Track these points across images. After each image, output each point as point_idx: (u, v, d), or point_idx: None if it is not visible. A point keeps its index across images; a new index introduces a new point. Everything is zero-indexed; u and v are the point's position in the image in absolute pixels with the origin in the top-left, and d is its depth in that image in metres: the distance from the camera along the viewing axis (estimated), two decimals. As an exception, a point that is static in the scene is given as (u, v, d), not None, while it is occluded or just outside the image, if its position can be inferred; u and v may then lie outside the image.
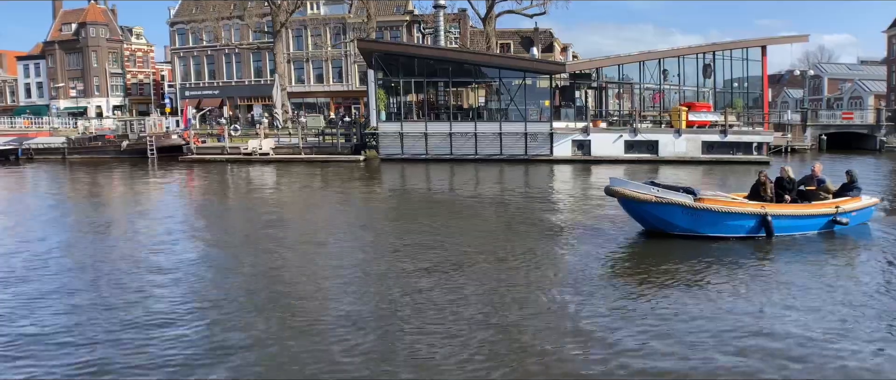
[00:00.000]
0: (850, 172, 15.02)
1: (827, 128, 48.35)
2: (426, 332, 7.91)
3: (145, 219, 17.83)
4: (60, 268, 11.41)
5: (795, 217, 13.54)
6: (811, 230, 13.73)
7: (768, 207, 13.21)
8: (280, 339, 7.74)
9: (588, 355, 7.27)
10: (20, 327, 8.25)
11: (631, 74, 39.30)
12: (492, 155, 35.87)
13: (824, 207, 13.79)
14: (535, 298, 9.40)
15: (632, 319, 8.38)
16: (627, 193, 13.18)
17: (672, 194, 13.05)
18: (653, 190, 13.18)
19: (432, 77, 37.84)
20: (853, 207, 14.09)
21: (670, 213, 13.03)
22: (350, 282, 10.30)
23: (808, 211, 13.69)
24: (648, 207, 13.15)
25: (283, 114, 51.12)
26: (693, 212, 12.87)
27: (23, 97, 78.55)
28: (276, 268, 11.36)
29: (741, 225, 13.16)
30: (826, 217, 13.72)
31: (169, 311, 8.83)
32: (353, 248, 13.14)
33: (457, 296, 9.39)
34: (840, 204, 13.82)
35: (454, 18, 59.74)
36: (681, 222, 13.11)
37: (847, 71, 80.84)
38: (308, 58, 65.43)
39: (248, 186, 27.10)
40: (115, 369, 6.94)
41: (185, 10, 67.62)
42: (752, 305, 8.95)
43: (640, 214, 13.63)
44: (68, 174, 33.41)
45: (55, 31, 77.00)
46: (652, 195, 13.01)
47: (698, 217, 12.91)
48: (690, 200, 12.87)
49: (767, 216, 13.00)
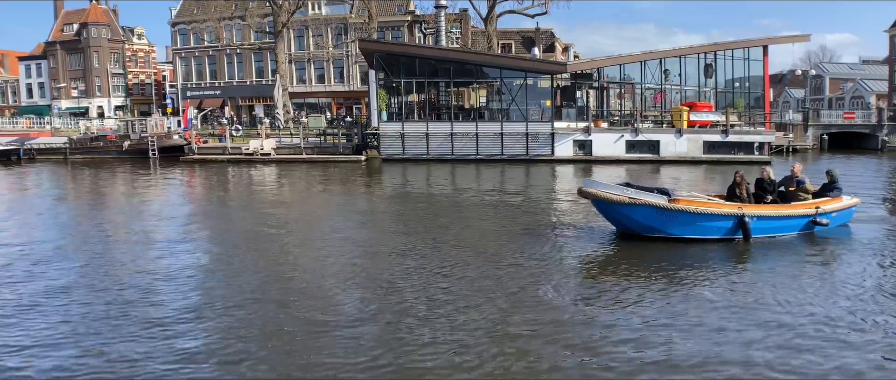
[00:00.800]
0: (830, 173, 14.72)
1: (828, 128, 48.34)
2: (414, 337, 7.93)
3: (148, 220, 17.86)
4: (63, 270, 11.43)
5: (774, 218, 13.17)
6: (790, 232, 13.41)
7: (745, 207, 12.87)
8: (284, 341, 7.76)
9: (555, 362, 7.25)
10: (22, 329, 8.27)
11: (632, 74, 39.33)
12: (493, 155, 35.90)
13: (804, 208, 13.47)
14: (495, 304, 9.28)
15: (591, 326, 8.15)
16: (600, 195, 12.81)
17: (645, 195, 12.69)
18: (626, 191, 12.83)
19: (433, 77, 37.87)
20: (833, 208, 13.82)
21: (644, 214, 12.66)
22: (350, 287, 10.31)
23: (786, 212, 13.34)
24: (622, 208, 12.79)
25: (285, 114, 51.18)
26: (667, 213, 12.54)
27: (24, 97, 78.64)
28: (278, 270, 11.38)
29: (718, 226, 12.80)
30: (805, 218, 13.42)
31: (170, 314, 8.85)
32: (352, 250, 13.15)
33: (433, 302, 9.40)
34: (820, 205, 13.54)
35: (455, 18, 59.74)
36: (655, 224, 12.77)
37: (849, 70, 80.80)
38: (309, 58, 65.48)
39: (249, 186, 27.13)
40: (117, 371, 6.96)
41: (186, 11, 67.70)
42: (721, 314, 8.57)
43: (614, 215, 13.30)
44: (70, 174, 33.46)
45: (57, 32, 77.09)
46: (625, 196, 12.67)
47: (673, 218, 12.60)
48: (664, 201, 12.53)
49: (745, 218, 12.63)
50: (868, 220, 15.48)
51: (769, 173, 14.13)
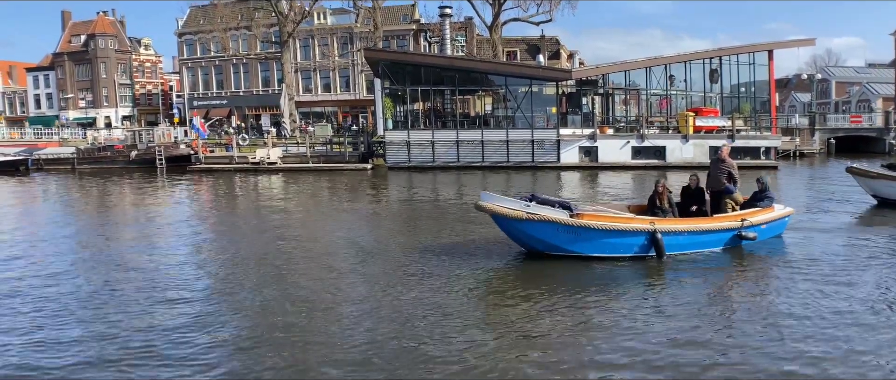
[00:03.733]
0: (760, 180, 13.40)
1: (835, 131, 48.25)
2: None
3: (157, 230, 17.93)
4: (72, 280, 11.49)
5: (692, 233, 11.82)
6: (713, 247, 12.07)
7: (658, 222, 11.52)
8: (292, 353, 7.79)
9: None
10: (31, 339, 8.33)
11: (637, 80, 39.35)
12: (499, 162, 35.94)
13: (727, 221, 12.18)
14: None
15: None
16: (496, 209, 11.42)
17: (545, 210, 11.31)
18: (524, 205, 11.35)
19: (439, 85, 37.99)
20: (763, 220, 12.57)
21: (545, 231, 11.33)
22: (350, 294, 10.35)
23: (706, 226, 11.98)
24: (520, 224, 11.38)
25: (291, 123, 51.40)
26: (570, 230, 11.23)
27: (33, 108, 79.26)
28: (288, 282, 11.42)
29: (627, 244, 11.42)
30: (729, 232, 12.10)
31: (179, 325, 8.90)
32: (355, 258, 13.18)
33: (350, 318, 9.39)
34: (747, 216, 12.27)
35: (460, 27, 60.04)
36: (557, 242, 11.44)
37: (855, 74, 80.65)
38: (315, 67, 65.82)
39: (256, 195, 27.22)
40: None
41: (192, 21, 68.21)
42: (616, 347, 7.51)
43: (513, 232, 11.89)
44: (78, 184, 33.64)
45: (65, 43, 77.75)
46: (522, 211, 11.23)
47: (577, 235, 11.28)
48: (565, 217, 11.24)
49: (657, 233, 11.26)
50: (814, 229, 14.54)
51: (696, 181, 13.11)
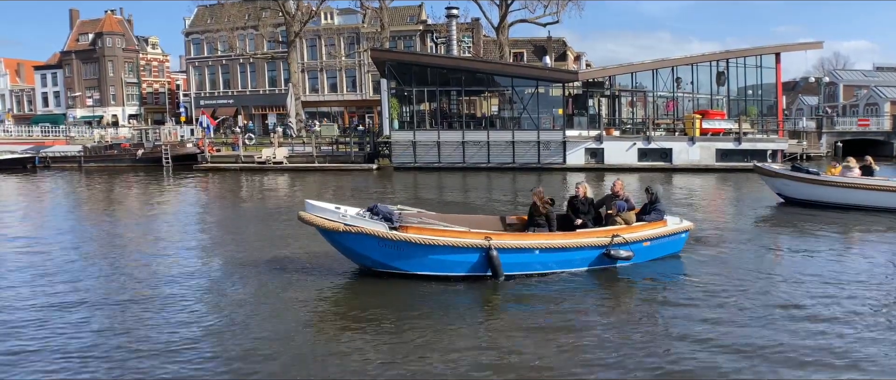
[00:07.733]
0: (650, 189, 11.87)
1: (843, 135, 47.99)
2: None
3: (164, 229, 17.98)
4: (78, 278, 11.52)
5: (542, 250, 10.19)
6: (572, 268, 10.39)
7: (496, 237, 10.03)
8: (298, 352, 7.79)
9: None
10: (35, 340, 8.35)
11: (644, 82, 39.29)
12: (504, 163, 35.91)
13: (590, 237, 10.53)
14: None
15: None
16: (315, 221, 10.14)
17: (364, 222, 9.99)
18: (342, 216, 10.07)
19: (445, 86, 37.99)
20: (645, 236, 10.91)
21: (366, 245, 10.01)
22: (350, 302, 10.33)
23: (558, 243, 10.29)
24: (339, 237, 10.13)
25: (297, 123, 51.47)
26: (391, 244, 9.81)
27: (40, 106, 79.53)
28: (292, 281, 11.42)
29: (457, 262, 9.94)
30: (594, 250, 10.38)
31: (185, 324, 8.91)
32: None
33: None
34: (622, 232, 10.68)
35: (467, 28, 59.96)
36: (380, 258, 10.08)
37: (863, 77, 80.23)
38: (322, 67, 65.84)
39: (262, 195, 27.24)
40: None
41: (200, 20, 68.31)
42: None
43: (338, 247, 10.61)
44: (85, 183, 33.76)
45: (72, 41, 78.02)
46: (340, 223, 9.93)
47: (400, 251, 9.86)
48: (384, 229, 9.84)
49: (491, 250, 9.73)
50: (712, 243, 13.01)
51: (585, 190, 11.57)
